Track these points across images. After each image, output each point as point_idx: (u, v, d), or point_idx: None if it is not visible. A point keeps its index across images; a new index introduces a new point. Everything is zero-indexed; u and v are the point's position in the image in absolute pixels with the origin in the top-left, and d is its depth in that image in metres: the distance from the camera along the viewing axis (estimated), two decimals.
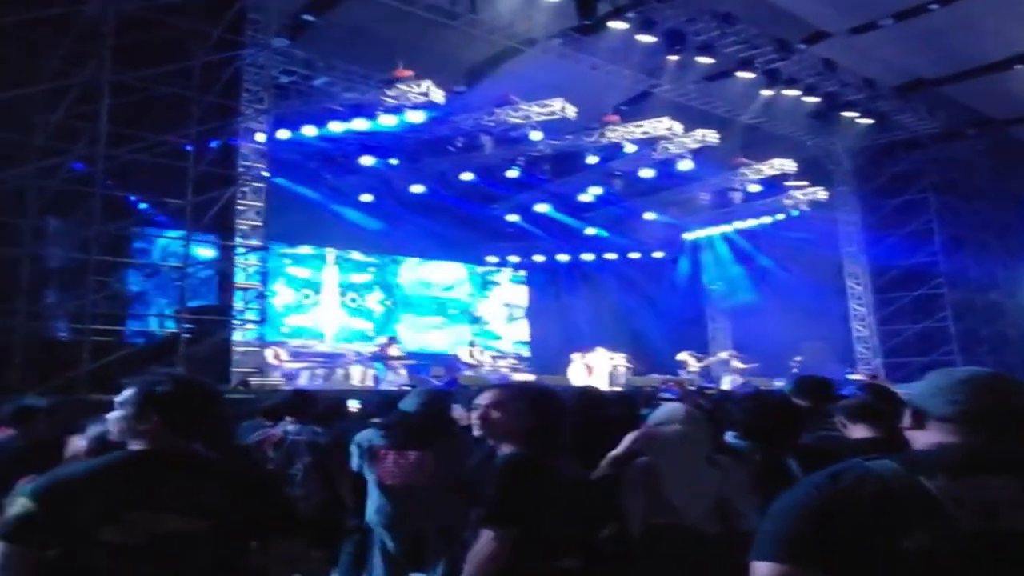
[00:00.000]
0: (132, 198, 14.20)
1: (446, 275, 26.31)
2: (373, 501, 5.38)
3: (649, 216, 25.12)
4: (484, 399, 3.53)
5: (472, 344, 20.97)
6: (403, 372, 18.32)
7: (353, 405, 8.38)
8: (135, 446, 2.81)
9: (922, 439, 2.20)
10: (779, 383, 16.68)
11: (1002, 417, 2.10)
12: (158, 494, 2.62)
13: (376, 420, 5.71)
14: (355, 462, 5.48)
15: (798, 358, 21.52)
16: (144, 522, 2.55)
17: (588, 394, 4.98)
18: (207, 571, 2.60)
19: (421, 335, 24.91)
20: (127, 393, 2.87)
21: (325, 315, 23.22)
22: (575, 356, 19.95)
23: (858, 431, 4.32)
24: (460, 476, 4.64)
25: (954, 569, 1.87)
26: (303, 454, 5.94)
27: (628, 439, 3.66)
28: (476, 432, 3.57)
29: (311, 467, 5.92)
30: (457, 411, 5.61)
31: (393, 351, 18.83)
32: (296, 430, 6.05)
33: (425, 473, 5.21)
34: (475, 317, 26.71)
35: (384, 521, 5.37)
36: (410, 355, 19.69)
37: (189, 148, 13.23)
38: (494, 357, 21.20)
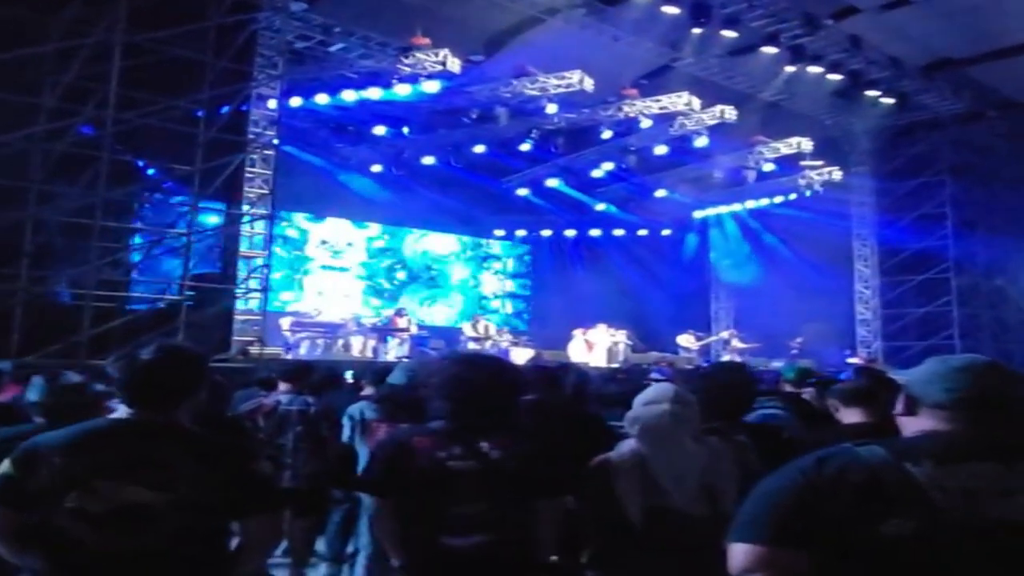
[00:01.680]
0: (140, 163, 14.17)
1: (453, 247, 26.41)
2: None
3: (660, 193, 25.02)
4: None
5: (475, 318, 20.99)
6: (405, 345, 18.35)
7: (350, 376, 8.37)
8: (119, 414, 2.83)
9: (913, 425, 2.21)
10: (777, 363, 16.65)
11: (993, 406, 2.10)
12: (127, 464, 2.62)
13: (368, 392, 5.70)
14: (346, 434, 5.48)
15: (798, 340, 21.48)
16: (109, 491, 2.58)
17: (547, 373, 4.98)
18: (173, 542, 2.59)
19: (425, 307, 25.07)
20: (113, 361, 2.86)
21: (329, 285, 23.31)
22: (576, 332, 20.03)
23: (851, 416, 4.28)
24: None
25: (936, 555, 1.89)
26: (294, 424, 5.93)
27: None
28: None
29: (301, 437, 5.91)
30: None
31: (401, 323, 18.84)
32: (288, 400, 6.07)
33: None
34: (479, 290, 26.82)
35: None
36: (419, 327, 19.78)
37: (200, 113, 13.16)
38: (499, 332, 21.23)
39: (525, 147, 21.25)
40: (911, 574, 1.91)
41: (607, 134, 20.52)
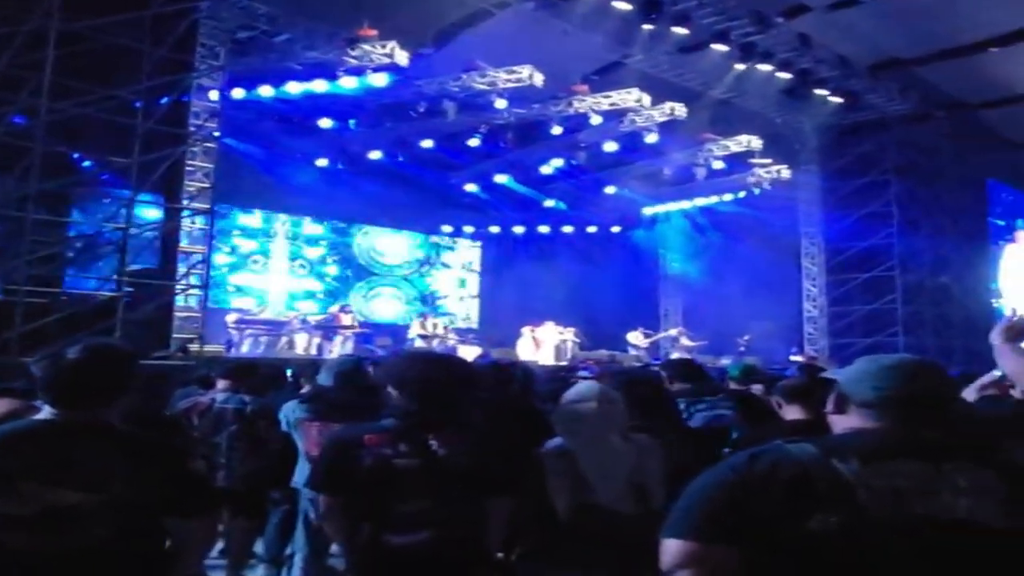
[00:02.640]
0: (75, 155, 13.92)
1: (399, 244, 26.31)
2: (301, 472, 5.37)
3: (610, 190, 25.14)
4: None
5: (423, 315, 20.95)
6: (349, 343, 18.27)
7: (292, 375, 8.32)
8: (45, 415, 2.78)
9: (842, 423, 2.27)
10: (725, 361, 16.86)
11: (920, 404, 2.14)
12: (56, 466, 2.60)
13: (304, 392, 5.69)
14: (285, 433, 5.46)
15: (746, 337, 21.75)
16: (37, 494, 2.55)
17: (499, 368, 5.06)
18: (107, 542, 2.56)
19: (371, 305, 24.97)
20: (37, 360, 2.81)
21: (273, 282, 23.15)
22: (525, 330, 20.13)
23: (792, 412, 4.43)
24: None
25: (863, 552, 1.93)
26: (228, 422, 5.89)
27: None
28: None
29: (236, 436, 5.87)
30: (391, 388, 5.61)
31: (345, 320, 18.75)
32: (224, 398, 6.01)
33: None
34: (427, 287, 26.80)
35: (310, 492, 5.32)
36: (361, 325, 19.63)
37: (138, 104, 12.94)
38: (446, 329, 21.22)
39: (474, 142, 21.22)
40: (838, 571, 1.95)
41: (557, 130, 20.55)
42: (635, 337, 21.84)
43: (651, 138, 20.72)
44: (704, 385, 5.73)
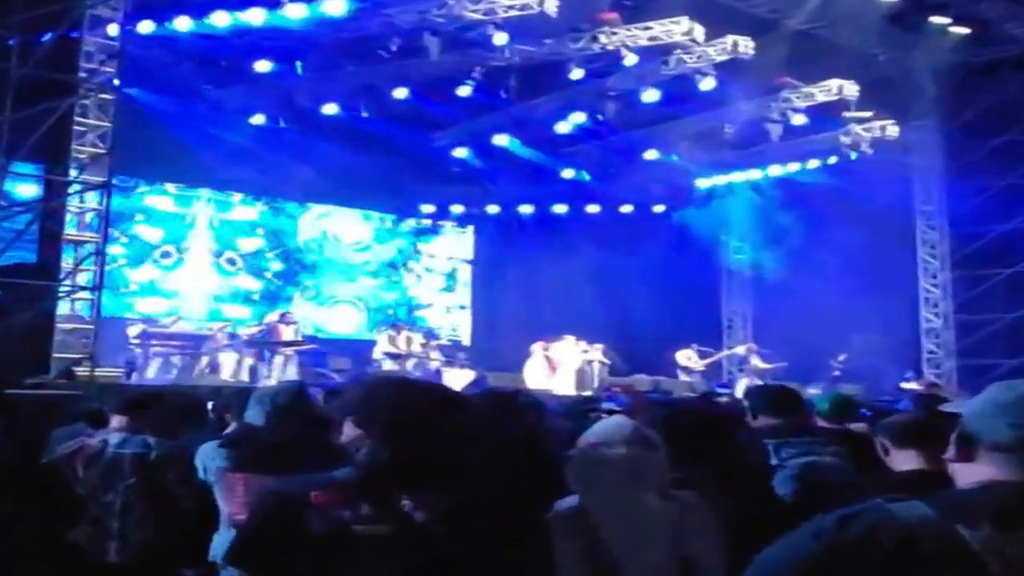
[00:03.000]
0: None
1: (363, 230, 26.50)
2: (221, 541, 5.34)
3: (650, 155, 25.15)
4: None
5: (395, 327, 20.96)
6: (293, 365, 18.30)
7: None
8: None
9: (968, 474, 2.25)
10: (813, 390, 16.85)
11: None
12: None
13: (229, 432, 5.66)
14: (202, 484, 5.42)
15: (842, 357, 21.74)
16: None
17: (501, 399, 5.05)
18: None
19: (325, 312, 25.16)
20: None
21: (190, 282, 23.26)
22: (535, 347, 20.18)
23: (903, 460, 4.41)
24: None
25: None
26: (125, 473, 5.87)
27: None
28: None
29: (134, 492, 5.84)
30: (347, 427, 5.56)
31: (287, 333, 18.78)
32: (119, 440, 5.98)
33: None
34: (400, 289, 26.97)
35: (234, 571, 5.29)
36: (306, 339, 19.68)
37: (11, 43, 13.00)
38: (425, 346, 21.25)
39: (464, 91, 21.27)
40: None
41: (577, 74, 20.57)
42: (687, 357, 21.88)
43: (706, 84, 20.70)
44: (795, 421, 5.70)
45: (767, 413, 5.62)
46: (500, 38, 18.74)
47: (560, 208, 27.22)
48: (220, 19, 17.43)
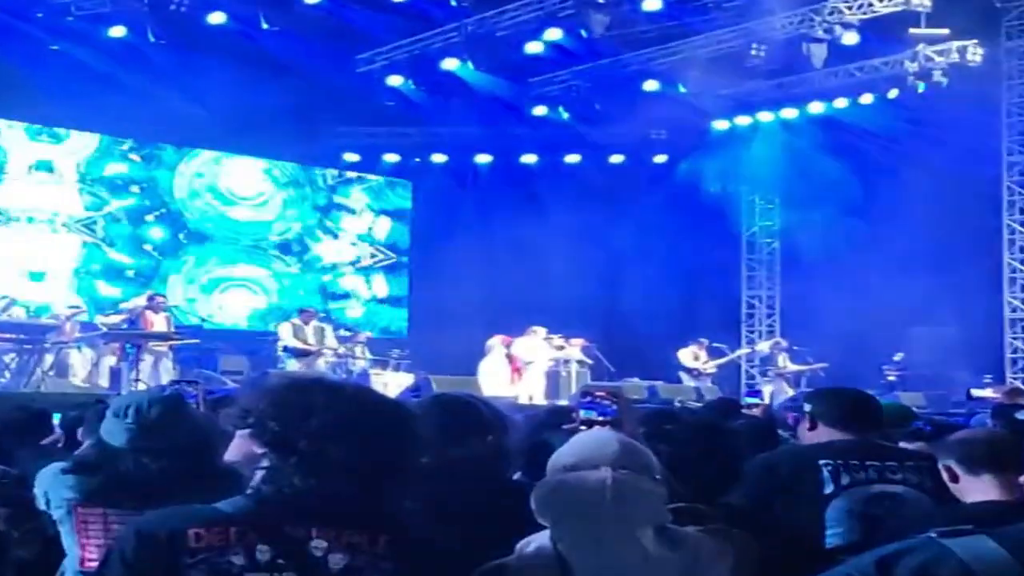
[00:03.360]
0: None
1: (264, 186, 26.54)
2: None
3: (650, 87, 25.14)
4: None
5: (304, 315, 20.89)
6: (169, 363, 18.24)
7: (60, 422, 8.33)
8: None
9: None
10: None
11: None
12: None
13: (80, 453, 5.64)
14: (44, 521, 5.43)
15: (898, 356, 21.79)
16: None
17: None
18: None
19: (211, 297, 25.28)
20: None
21: (23, 251, 23.21)
22: (494, 342, 20.31)
23: (977, 488, 4.45)
24: None
25: None
26: None
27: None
28: None
29: None
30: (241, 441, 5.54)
31: (158, 323, 18.70)
32: None
33: None
34: (314, 266, 27.04)
35: None
36: (186, 331, 19.59)
37: None
38: (346, 340, 21.21)
39: None
40: None
41: None
42: (693, 356, 21.95)
43: None
44: (868, 440, 5.64)
45: (833, 425, 5.62)
46: None
47: (529, 158, 27.28)
48: None
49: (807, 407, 5.92)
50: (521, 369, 19.98)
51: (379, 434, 3.42)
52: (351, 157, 27.11)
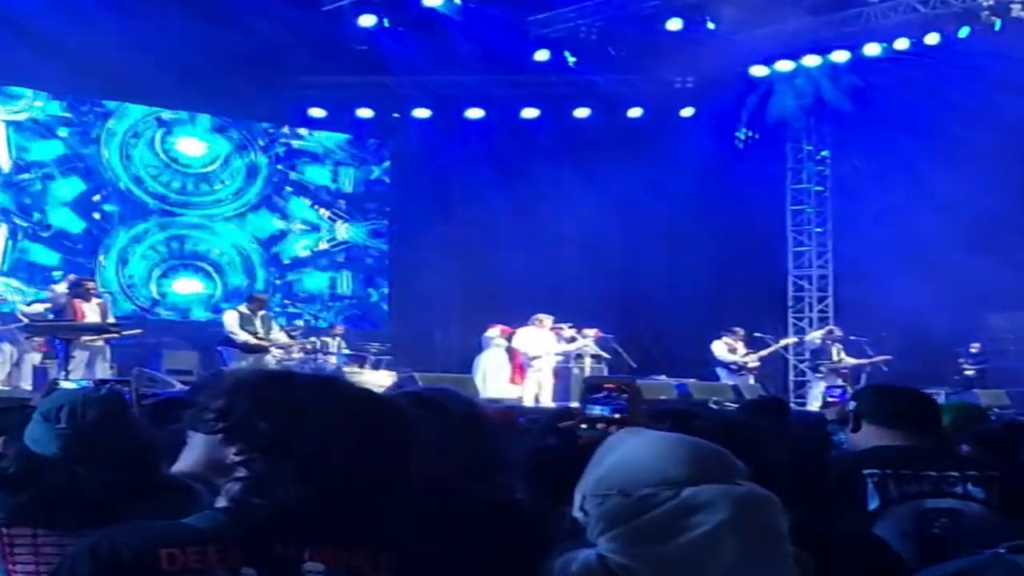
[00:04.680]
0: None
1: (210, 147, 26.61)
2: None
3: (674, 26, 25.19)
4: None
5: (251, 302, 20.90)
6: (106, 362, 18.28)
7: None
8: None
9: None
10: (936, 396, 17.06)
11: None
12: None
13: (3, 465, 5.69)
14: None
15: (975, 347, 21.75)
16: None
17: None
18: None
19: (153, 280, 25.34)
20: None
21: None
22: (493, 333, 20.48)
23: None
24: None
25: None
26: None
27: None
28: None
29: None
30: (202, 447, 5.58)
31: (87, 313, 18.75)
32: None
33: None
34: (274, 241, 27.18)
35: None
36: (125, 322, 19.62)
37: None
38: (295, 333, 21.32)
39: None
40: None
41: None
42: (729, 347, 21.95)
43: None
44: (925, 444, 5.63)
45: (882, 426, 5.64)
46: None
47: (529, 112, 27.25)
48: None
49: (851, 405, 5.95)
50: (525, 365, 20.06)
51: (382, 437, 3.47)
52: (316, 113, 27.07)
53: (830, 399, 12.22)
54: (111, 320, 19.10)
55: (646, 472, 3.17)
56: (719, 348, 22.17)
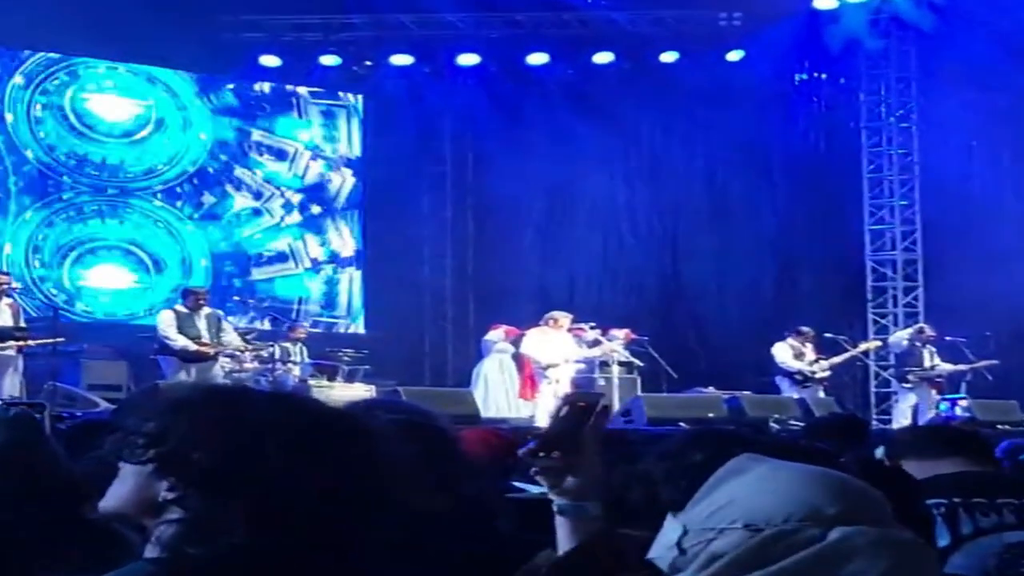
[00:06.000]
0: None
1: (139, 106, 26.57)
2: None
3: None
4: None
5: (187, 297, 20.88)
6: (17, 376, 18.28)
7: None
8: None
9: None
10: None
11: None
12: None
13: None
14: None
15: None
16: None
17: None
18: None
19: (69, 272, 25.34)
20: None
21: None
22: (496, 336, 20.55)
23: None
24: None
25: None
26: None
27: None
28: None
29: None
30: (132, 482, 5.57)
31: None
32: None
33: None
34: (219, 224, 27.23)
35: None
36: (39, 326, 19.66)
37: None
38: (279, 336, 21.39)
39: None
40: None
41: None
42: (794, 352, 21.86)
43: None
44: (988, 466, 5.65)
45: (929, 459, 5.62)
46: None
47: (537, 58, 27.19)
48: None
49: (879, 452, 6.02)
50: (537, 376, 19.90)
51: (353, 469, 3.33)
52: (270, 61, 26.98)
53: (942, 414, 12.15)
54: (22, 324, 19.05)
55: (785, 503, 2.99)
56: (783, 352, 21.94)
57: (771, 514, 2.91)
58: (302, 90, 27.75)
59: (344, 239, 27.57)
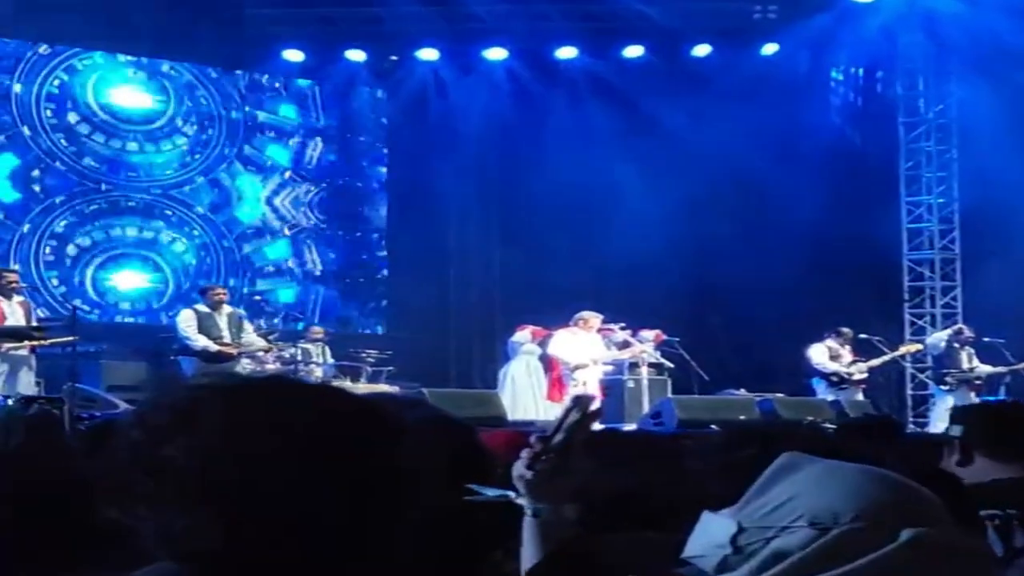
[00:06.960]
0: None
1: (152, 100, 26.59)
2: None
3: None
4: None
5: (211, 297, 20.88)
6: (31, 375, 18.25)
7: None
8: None
9: None
10: None
11: None
12: None
13: None
14: None
15: None
16: None
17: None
18: None
19: (87, 275, 25.38)
20: None
21: None
22: (522, 337, 20.60)
23: None
24: None
25: None
26: None
27: None
28: None
29: None
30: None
31: (4, 312, 18.76)
32: None
33: None
34: (238, 223, 27.28)
35: None
36: (55, 326, 19.66)
37: None
38: (298, 338, 21.25)
39: None
40: None
41: None
42: (829, 353, 21.76)
43: None
44: None
45: (998, 456, 5.59)
46: None
47: (566, 52, 27.28)
48: None
49: (955, 430, 5.93)
50: (564, 378, 19.96)
51: (378, 465, 2.96)
52: (292, 56, 27.04)
53: None
54: (36, 324, 19.06)
55: (850, 501, 2.96)
56: (819, 353, 21.90)
57: (838, 512, 2.92)
58: (324, 84, 27.68)
59: (365, 237, 27.58)
